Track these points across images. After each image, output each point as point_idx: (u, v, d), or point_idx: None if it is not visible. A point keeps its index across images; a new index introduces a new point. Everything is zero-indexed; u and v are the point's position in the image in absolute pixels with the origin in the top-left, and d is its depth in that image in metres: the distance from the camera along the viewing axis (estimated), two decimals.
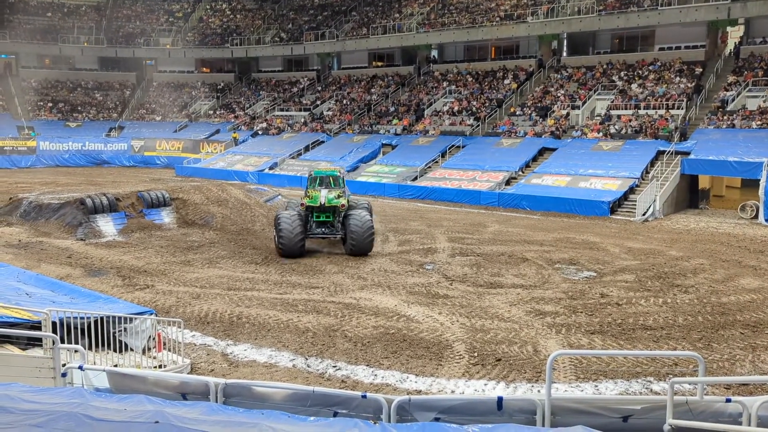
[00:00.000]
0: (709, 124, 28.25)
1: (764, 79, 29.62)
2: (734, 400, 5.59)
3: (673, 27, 34.07)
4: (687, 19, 32.79)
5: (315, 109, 45.83)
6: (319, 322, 11.28)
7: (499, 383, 8.75)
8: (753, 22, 33.15)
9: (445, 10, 44.63)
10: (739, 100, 29.21)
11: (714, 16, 32.01)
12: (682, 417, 5.43)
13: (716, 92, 30.85)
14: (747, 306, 12.22)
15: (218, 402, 5.18)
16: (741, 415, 5.41)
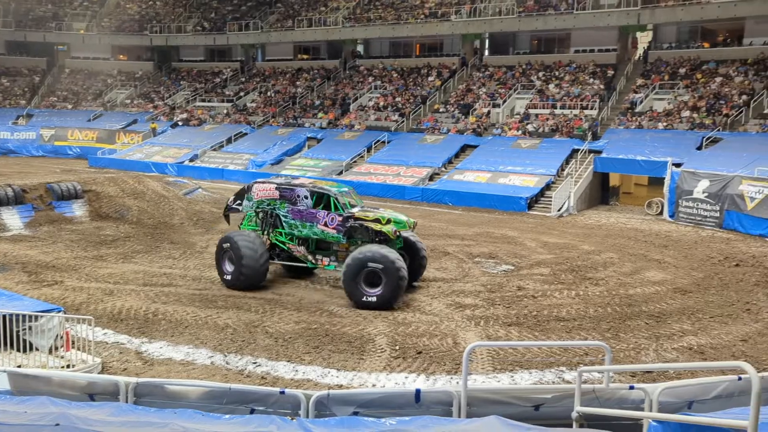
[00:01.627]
0: (620, 125, 29.70)
1: (670, 82, 31.42)
2: (637, 387, 5.90)
3: (588, 31, 35.54)
4: (600, 24, 34.30)
5: (238, 100, 44.86)
6: (239, 318, 11.08)
7: (420, 376, 8.89)
8: (660, 28, 35.07)
9: (370, 6, 44.69)
10: (647, 102, 30.86)
11: (625, 21, 33.63)
12: (589, 404, 5.68)
13: (626, 94, 32.46)
14: (651, 297, 12.95)
15: (129, 402, 4.98)
16: (643, 401, 5.73)
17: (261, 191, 13.78)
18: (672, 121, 28.41)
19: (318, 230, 13.07)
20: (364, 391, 6.16)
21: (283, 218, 13.45)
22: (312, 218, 13.11)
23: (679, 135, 27.14)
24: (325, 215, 12.97)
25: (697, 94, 29.65)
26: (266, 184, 13.92)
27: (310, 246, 13.40)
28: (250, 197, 13.99)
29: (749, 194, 20.40)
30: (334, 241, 13.06)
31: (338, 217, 12.88)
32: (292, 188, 13.45)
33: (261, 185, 13.92)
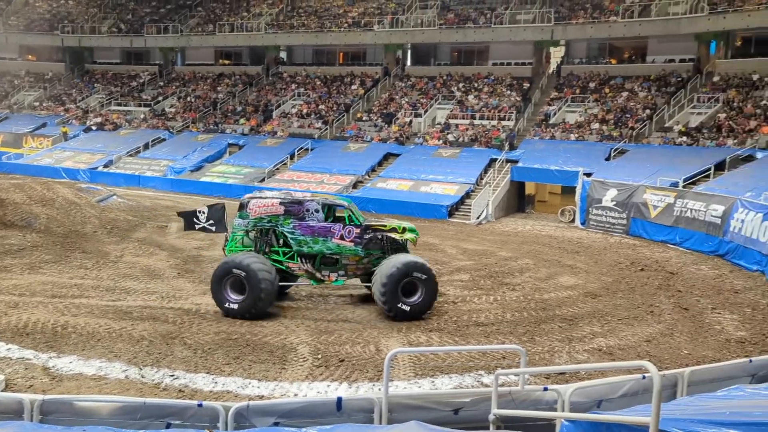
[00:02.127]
0: (535, 136, 30.91)
1: (581, 96, 33.01)
2: (551, 388, 6.17)
3: (505, 44, 36.87)
4: (516, 38, 35.66)
5: (156, 105, 43.44)
6: (155, 329, 10.71)
7: (342, 384, 8.89)
8: (572, 44, 36.84)
9: (294, 13, 44.50)
10: (560, 114, 32.29)
11: (539, 36, 35.11)
12: (506, 406, 5.89)
13: (541, 106, 33.85)
14: (565, 302, 13.52)
15: (34, 421, 4.74)
16: (556, 401, 5.99)
17: (260, 207, 12.50)
18: (583, 133, 29.84)
19: (333, 245, 12.39)
20: (285, 401, 6.13)
21: (289, 235, 12.42)
22: (326, 232, 12.38)
23: (589, 146, 28.55)
24: (340, 228, 12.41)
25: (606, 108, 31.30)
26: (266, 199, 12.66)
27: (316, 262, 12.63)
28: (244, 214, 12.55)
29: (652, 203, 21.70)
30: (351, 254, 12.48)
31: (356, 229, 12.45)
32: (300, 202, 12.57)
33: (260, 201, 12.61)
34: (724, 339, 11.33)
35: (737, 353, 10.32)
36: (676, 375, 6.56)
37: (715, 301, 13.98)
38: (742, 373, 6.92)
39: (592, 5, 35.14)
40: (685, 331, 11.69)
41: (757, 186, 19.68)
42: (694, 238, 19.93)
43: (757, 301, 14.08)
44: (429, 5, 40.16)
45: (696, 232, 19.87)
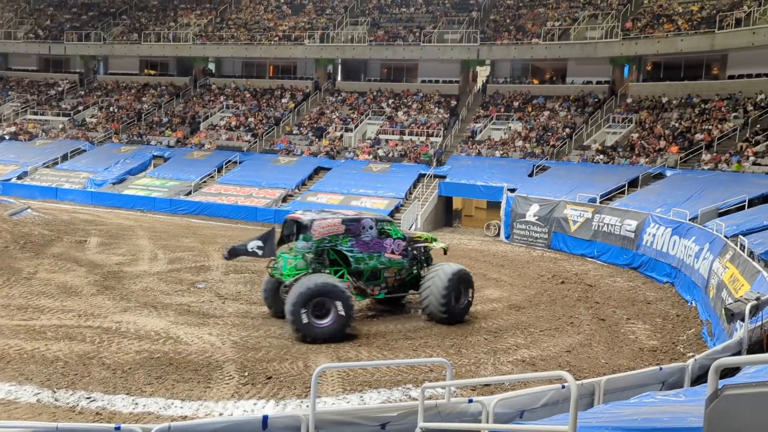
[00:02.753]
0: (462, 152, 31.66)
1: (505, 114, 34.11)
2: (475, 400, 6.29)
3: (433, 62, 37.68)
4: (444, 57, 36.53)
5: (76, 115, 41.65)
6: (71, 349, 10.21)
7: (269, 401, 8.76)
8: (497, 63, 38.07)
9: (223, 24, 43.89)
10: (485, 131, 33.24)
11: (466, 55, 36.12)
12: (432, 419, 5.96)
13: (468, 123, 34.73)
14: (490, 314, 13.88)
15: None
16: (481, 413, 6.12)
17: (323, 228, 12.32)
18: (507, 150, 30.82)
19: (385, 259, 12.90)
20: (208, 421, 5.98)
21: (348, 253, 12.48)
22: (380, 248, 12.86)
23: (513, 163, 29.51)
24: (391, 243, 12.98)
25: (529, 126, 32.46)
26: (328, 219, 12.51)
27: (364, 278, 12.82)
28: (308, 236, 12.21)
29: (572, 218, 22.64)
30: (398, 267, 13.08)
31: (402, 243, 13.08)
32: (358, 220, 12.80)
33: (323, 221, 12.38)
34: (637, 348, 11.93)
35: (649, 361, 10.89)
36: (593, 384, 6.83)
37: (630, 311, 14.71)
38: (653, 381, 7.29)
39: (516, 27, 36.49)
40: (602, 341, 12.23)
41: (667, 202, 20.90)
42: (610, 251, 20.91)
43: (668, 311, 14.92)
44: (359, 22, 40.58)
45: (612, 245, 20.86)
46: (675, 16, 31.99)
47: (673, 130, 28.21)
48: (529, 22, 36.75)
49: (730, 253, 13.71)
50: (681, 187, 22.56)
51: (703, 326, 13.27)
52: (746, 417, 2.82)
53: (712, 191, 20.97)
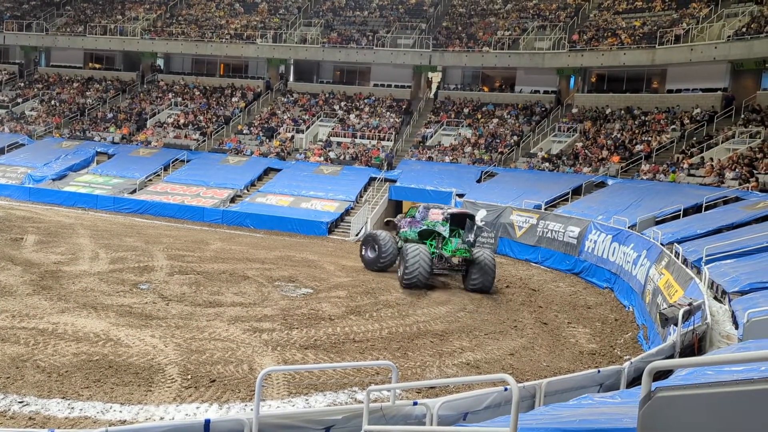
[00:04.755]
0: (412, 156, 31.93)
1: (456, 120, 34.58)
2: (420, 402, 6.35)
3: (386, 66, 37.89)
4: (397, 61, 36.79)
5: (15, 107, 40.00)
6: (4, 351, 9.80)
7: (212, 405, 8.62)
8: (449, 70, 38.56)
9: (173, 20, 42.98)
10: (436, 136, 33.62)
11: (418, 61, 36.48)
12: (377, 422, 5.99)
13: (419, 128, 35.06)
14: (437, 317, 14.02)
15: None
16: (425, 415, 6.19)
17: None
18: (457, 156, 31.24)
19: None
20: (147, 425, 5.86)
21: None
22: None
23: (462, 168, 29.94)
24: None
25: (478, 133, 33.00)
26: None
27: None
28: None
29: (518, 223, 23.12)
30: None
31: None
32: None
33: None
34: (578, 351, 12.28)
35: (589, 364, 11.23)
36: (535, 386, 6.99)
37: (571, 316, 15.13)
38: (591, 383, 7.52)
39: (467, 35, 37.06)
40: (544, 345, 12.54)
41: (608, 210, 21.61)
42: (554, 257, 21.46)
43: (607, 315, 15.42)
44: (313, 23, 40.43)
45: (555, 251, 21.41)
46: (619, 30, 33.12)
47: (615, 141, 29.17)
48: (481, 30, 37.40)
49: (666, 260, 14.29)
50: (621, 196, 23.34)
51: (640, 330, 13.78)
52: (678, 418, 2.94)
53: (650, 200, 21.79)
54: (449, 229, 17.70)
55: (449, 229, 17.70)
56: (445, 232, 17.68)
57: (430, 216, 18.45)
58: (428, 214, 18.58)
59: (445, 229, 17.73)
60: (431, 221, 18.24)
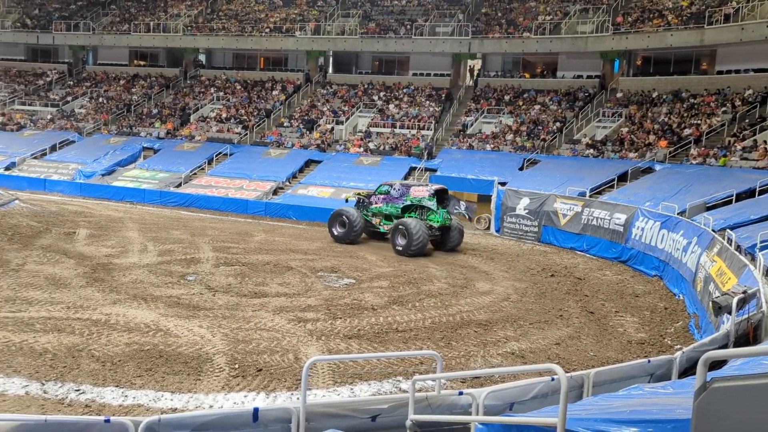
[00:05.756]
0: (453, 145, 31.70)
1: (496, 107, 34.16)
2: (466, 392, 6.33)
3: (425, 55, 37.64)
4: (435, 50, 36.49)
5: (65, 105, 41.31)
6: (60, 341, 10.16)
7: (260, 394, 8.77)
8: (488, 57, 38.08)
9: (214, 15, 43.58)
10: (476, 125, 33.27)
11: (457, 49, 36.10)
12: (423, 412, 5.99)
13: (459, 117, 34.75)
14: (480, 307, 13.93)
15: None
16: (471, 405, 6.16)
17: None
18: (498, 144, 30.87)
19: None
20: (199, 413, 5.99)
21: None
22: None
23: (504, 156, 29.57)
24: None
25: (519, 120, 32.52)
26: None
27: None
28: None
29: (562, 211, 22.73)
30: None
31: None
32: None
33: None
34: (626, 341, 12.03)
35: (637, 354, 10.98)
36: (582, 376, 6.88)
37: (618, 304, 14.82)
38: (641, 373, 7.36)
39: (507, 21, 36.49)
40: (591, 334, 12.32)
41: (655, 196, 21.04)
42: (599, 245, 21.04)
43: (656, 304, 15.04)
44: (351, 14, 40.42)
45: (601, 239, 20.98)
46: (665, 11, 32.09)
47: (662, 125, 28.35)
48: (521, 15, 36.76)
49: (718, 246, 13.84)
50: (669, 182, 22.70)
51: (691, 319, 13.40)
52: (734, 409, 2.85)
53: (700, 185, 21.14)
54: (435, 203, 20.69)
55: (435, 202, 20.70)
56: (433, 206, 20.54)
57: (413, 192, 21.11)
58: (409, 191, 21.18)
59: (432, 203, 20.57)
60: (416, 197, 20.92)
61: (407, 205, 21.03)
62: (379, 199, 21.80)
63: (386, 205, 21.56)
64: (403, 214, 20.96)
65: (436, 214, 20.49)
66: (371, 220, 21.83)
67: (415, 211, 20.88)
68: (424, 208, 20.74)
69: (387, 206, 21.53)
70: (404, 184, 21.94)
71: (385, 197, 21.70)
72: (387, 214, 21.48)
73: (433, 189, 21.06)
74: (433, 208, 20.54)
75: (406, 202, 21.09)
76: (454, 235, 20.75)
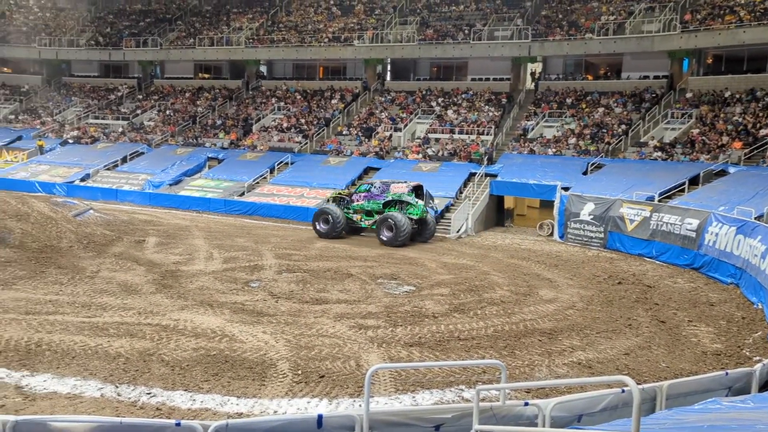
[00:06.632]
0: (513, 150, 31.23)
1: (558, 111, 33.46)
2: (531, 403, 6.17)
3: (483, 60, 37.30)
4: (494, 54, 36.11)
5: (135, 118, 43.11)
6: (132, 346, 10.54)
7: (322, 400, 8.82)
8: (549, 60, 37.39)
9: (274, 27, 44.60)
10: (537, 129, 32.68)
11: (517, 52, 35.61)
12: (487, 422, 5.88)
13: (519, 121, 34.23)
14: (544, 315, 13.60)
15: None
16: (537, 416, 6.00)
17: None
18: (560, 148, 30.22)
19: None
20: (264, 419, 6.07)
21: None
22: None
23: (566, 160, 28.91)
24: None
25: (582, 123, 31.75)
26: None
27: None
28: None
29: (629, 216, 22.00)
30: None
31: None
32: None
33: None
34: (700, 351, 11.48)
35: (713, 366, 10.46)
36: (655, 388, 6.61)
37: (692, 314, 14.18)
38: (718, 386, 7.01)
39: (569, 23, 35.75)
40: (662, 344, 11.82)
41: (730, 200, 20.08)
42: (670, 251, 20.22)
43: (732, 313, 14.31)
44: (408, 21, 40.55)
45: (672, 245, 20.16)
46: (737, 7, 30.71)
47: (735, 126, 27.09)
48: (583, 16, 35.96)
49: None
50: (745, 185, 21.64)
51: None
52: None
53: None
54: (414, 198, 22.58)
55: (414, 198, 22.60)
56: (413, 201, 22.43)
57: (393, 189, 22.85)
58: (390, 188, 22.93)
59: (412, 198, 22.47)
60: (396, 193, 22.70)
61: (388, 200, 22.80)
62: (360, 197, 23.52)
63: (368, 202, 23.27)
64: (384, 209, 22.77)
65: (415, 207, 22.40)
66: (352, 217, 23.54)
67: (395, 206, 22.67)
68: (404, 203, 22.56)
69: (369, 203, 23.25)
70: (384, 182, 23.66)
71: (366, 195, 23.42)
72: (368, 210, 23.24)
73: (411, 185, 22.94)
74: (413, 202, 22.42)
75: (387, 198, 22.81)
76: (430, 227, 23.06)
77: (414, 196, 22.60)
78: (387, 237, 21.84)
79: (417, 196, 22.73)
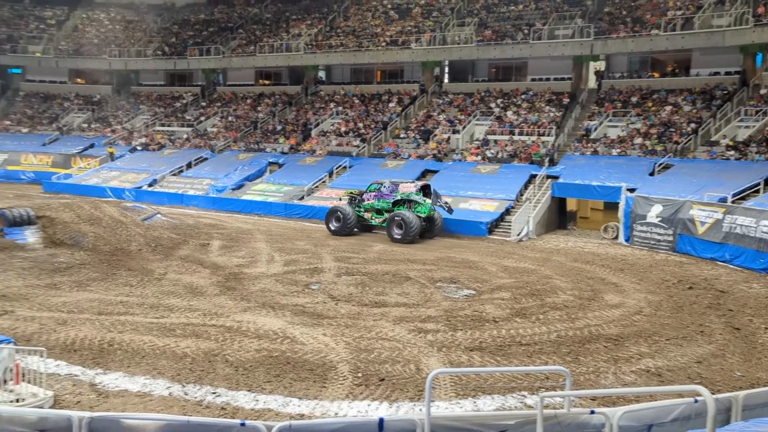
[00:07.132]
0: (576, 151, 30.47)
1: (622, 110, 32.45)
2: (598, 411, 5.97)
3: (543, 60, 36.58)
4: (555, 53, 35.36)
5: (199, 125, 44.46)
6: (198, 346, 10.84)
7: (383, 403, 8.82)
8: (612, 58, 36.32)
9: (332, 33, 45.13)
10: (601, 129, 31.78)
11: (579, 51, 34.75)
12: (552, 430, 5.73)
13: (581, 121, 33.38)
14: (610, 321, 13.19)
15: None
16: (604, 425, 5.80)
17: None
18: (625, 148, 29.29)
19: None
20: (326, 421, 6.10)
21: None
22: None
23: (632, 161, 27.98)
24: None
25: (649, 122, 30.68)
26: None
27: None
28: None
29: (700, 219, 21.09)
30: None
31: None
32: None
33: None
34: None
35: None
36: (730, 399, 6.29)
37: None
38: None
39: (633, 19, 34.65)
40: (737, 352, 11.27)
41: None
42: (744, 255, 19.27)
43: None
44: (466, 22, 40.25)
45: (746, 248, 19.20)
46: None
47: None
48: (648, 12, 34.78)
49: None
50: None
51: None
52: None
53: None
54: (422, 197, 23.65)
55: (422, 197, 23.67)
56: (420, 200, 23.52)
57: (401, 189, 23.98)
58: (398, 188, 24.05)
59: (420, 197, 23.57)
60: (405, 192, 23.81)
61: (397, 200, 23.88)
62: (371, 196, 24.64)
63: (378, 201, 24.43)
64: (393, 208, 23.87)
65: (423, 206, 23.54)
66: (363, 215, 24.68)
67: (404, 205, 23.74)
68: (412, 202, 23.66)
69: (379, 202, 24.42)
70: (393, 182, 24.72)
71: (376, 194, 24.53)
72: (379, 208, 24.38)
73: (419, 185, 24.22)
74: (421, 201, 23.55)
75: (396, 197, 23.92)
76: (437, 225, 24.12)
77: (422, 195, 23.62)
78: (399, 234, 22.78)
79: (425, 195, 23.69)
